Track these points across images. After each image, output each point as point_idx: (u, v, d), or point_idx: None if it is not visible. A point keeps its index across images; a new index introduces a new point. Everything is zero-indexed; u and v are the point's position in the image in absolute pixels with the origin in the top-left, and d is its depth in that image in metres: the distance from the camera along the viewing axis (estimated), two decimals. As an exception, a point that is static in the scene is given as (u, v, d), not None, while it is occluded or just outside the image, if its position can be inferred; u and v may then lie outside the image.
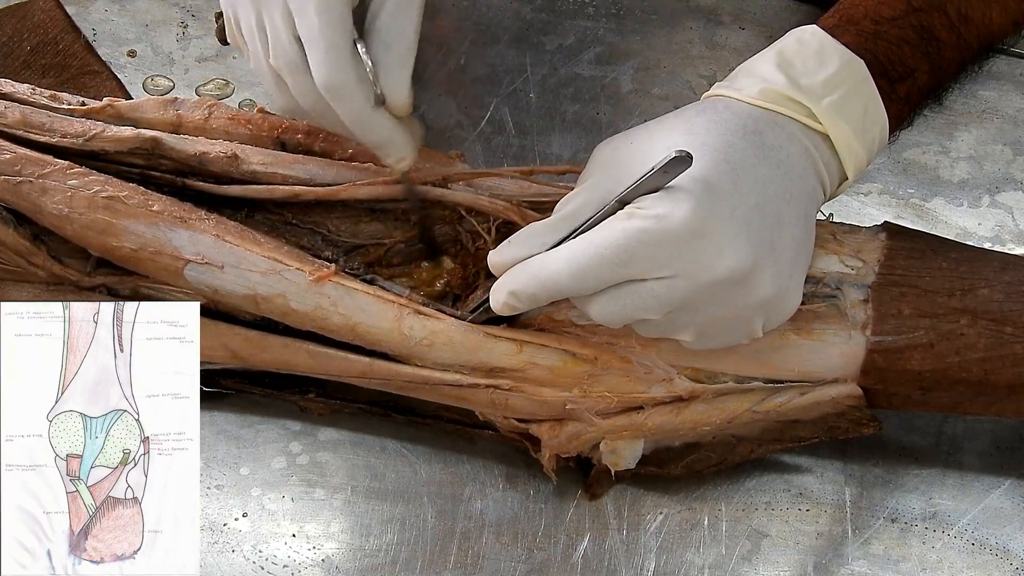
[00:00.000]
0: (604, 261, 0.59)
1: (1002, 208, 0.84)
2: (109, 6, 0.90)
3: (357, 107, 0.64)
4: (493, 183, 0.72)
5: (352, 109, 0.64)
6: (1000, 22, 0.69)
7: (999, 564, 0.71)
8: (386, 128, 0.65)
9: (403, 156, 0.66)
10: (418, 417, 0.73)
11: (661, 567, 0.70)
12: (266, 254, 0.68)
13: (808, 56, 0.65)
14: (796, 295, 0.63)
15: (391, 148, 0.66)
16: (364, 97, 0.63)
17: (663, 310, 0.60)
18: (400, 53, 0.64)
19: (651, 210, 0.58)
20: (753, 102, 0.64)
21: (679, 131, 0.62)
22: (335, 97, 0.63)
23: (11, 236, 0.69)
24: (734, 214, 0.59)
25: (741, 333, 0.63)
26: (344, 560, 0.70)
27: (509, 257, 0.63)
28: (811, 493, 0.73)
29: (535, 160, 0.85)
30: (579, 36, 0.91)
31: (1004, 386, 0.66)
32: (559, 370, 0.67)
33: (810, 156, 0.64)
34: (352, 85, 0.63)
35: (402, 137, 0.66)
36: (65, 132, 0.70)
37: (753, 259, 0.59)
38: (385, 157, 0.66)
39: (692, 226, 0.58)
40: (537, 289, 0.61)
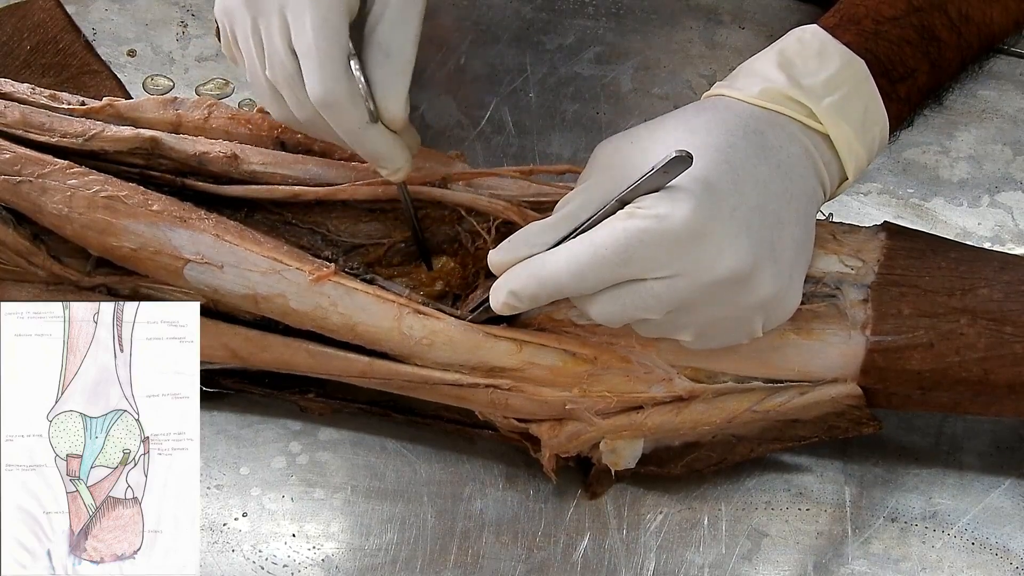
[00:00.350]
0: (604, 261, 0.59)
1: (1002, 208, 0.84)
2: (109, 6, 0.90)
3: (351, 122, 0.64)
4: (493, 183, 0.72)
5: (346, 124, 0.64)
6: (1001, 22, 0.69)
7: (999, 564, 0.71)
8: (380, 142, 0.65)
9: (398, 168, 0.66)
10: (418, 417, 0.73)
11: (661, 567, 0.70)
12: (266, 254, 0.68)
13: (809, 56, 0.65)
14: (796, 295, 0.63)
15: (385, 161, 0.66)
16: (358, 112, 0.63)
17: (663, 310, 0.60)
18: (397, 67, 0.64)
19: (651, 210, 0.58)
20: (754, 102, 0.64)
21: (680, 130, 0.62)
22: (329, 111, 0.63)
23: (11, 236, 0.69)
24: (734, 214, 0.59)
25: (741, 333, 0.63)
26: (344, 560, 0.70)
27: (509, 257, 0.63)
28: (811, 493, 0.73)
29: (535, 160, 0.85)
30: (579, 36, 0.91)
31: (1004, 386, 0.66)
32: (559, 370, 0.67)
33: (810, 156, 0.64)
34: (346, 100, 0.63)
35: (396, 150, 0.66)
36: (65, 132, 0.70)
37: (753, 259, 0.59)
38: (380, 169, 0.66)
39: (692, 226, 0.58)
40: (537, 289, 0.61)
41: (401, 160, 0.66)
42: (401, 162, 0.66)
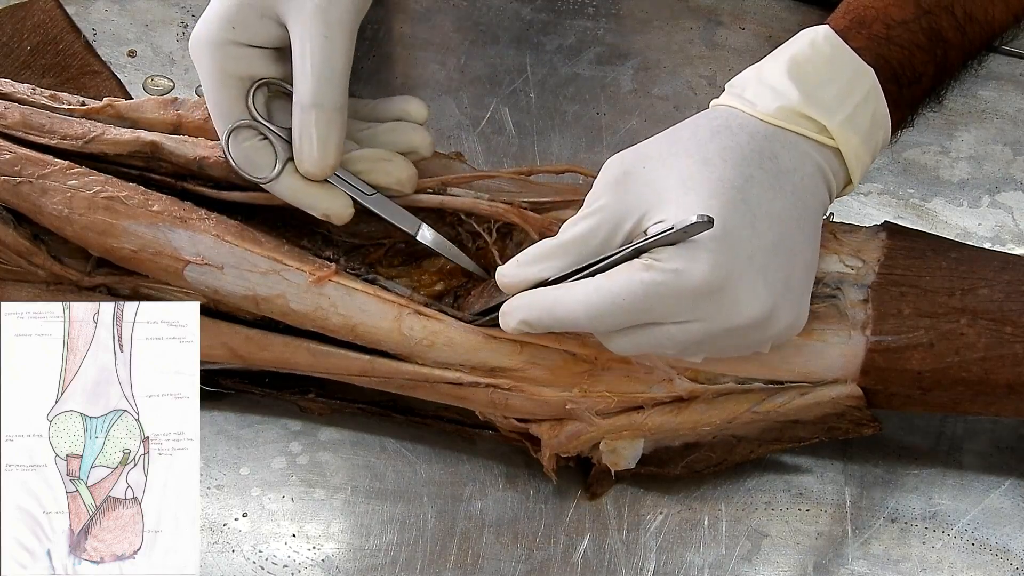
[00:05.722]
0: (621, 309, 0.59)
1: (1002, 208, 0.84)
2: (109, 6, 0.90)
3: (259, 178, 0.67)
4: (493, 184, 0.72)
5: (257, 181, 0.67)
6: (1002, 19, 0.69)
7: (999, 564, 0.71)
8: (292, 194, 0.67)
9: (327, 215, 0.68)
10: (418, 417, 0.73)
11: (661, 567, 0.70)
12: (266, 254, 0.68)
13: (821, 64, 0.64)
14: (805, 314, 0.63)
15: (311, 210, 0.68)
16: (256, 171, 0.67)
17: (678, 348, 0.62)
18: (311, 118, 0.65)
19: (669, 264, 0.58)
20: (768, 120, 0.64)
21: (694, 158, 0.62)
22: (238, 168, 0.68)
23: (11, 236, 0.69)
24: (752, 261, 0.59)
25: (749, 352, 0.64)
26: (344, 560, 0.70)
27: (520, 278, 0.63)
28: (811, 493, 0.73)
29: (535, 160, 0.85)
30: (579, 36, 0.91)
31: (1004, 386, 0.66)
32: (559, 370, 0.67)
33: (821, 171, 0.64)
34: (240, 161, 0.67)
35: (314, 200, 0.67)
36: (65, 134, 0.70)
37: (772, 303, 0.60)
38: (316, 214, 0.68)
39: (711, 281, 0.58)
40: (552, 324, 0.62)
41: (322, 208, 0.67)
42: (323, 210, 0.67)
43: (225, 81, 0.66)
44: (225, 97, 0.66)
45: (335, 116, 0.65)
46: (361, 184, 0.68)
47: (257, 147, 0.67)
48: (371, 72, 0.88)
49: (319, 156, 0.65)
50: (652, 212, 0.61)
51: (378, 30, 0.90)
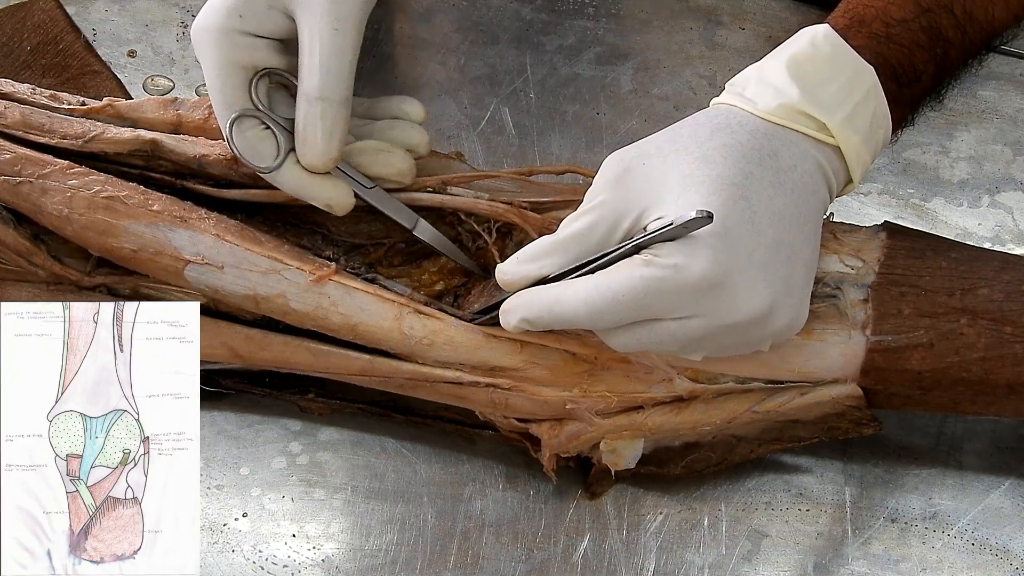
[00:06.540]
0: (621, 306, 0.60)
1: (1002, 208, 0.84)
2: (109, 6, 0.90)
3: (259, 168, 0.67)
4: (493, 183, 0.72)
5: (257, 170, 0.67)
6: (1002, 18, 0.69)
7: (999, 564, 0.71)
8: (294, 185, 0.67)
9: (329, 205, 0.67)
10: (418, 417, 0.73)
11: (661, 567, 0.70)
12: (266, 253, 0.68)
13: (821, 63, 0.64)
14: (805, 312, 0.63)
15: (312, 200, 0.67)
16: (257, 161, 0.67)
17: (678, 345, 0.62)
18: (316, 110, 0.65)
19: (668, 259, 0.59)
20: (768, 117, 0.64)
21: (694, 156, 0.62)
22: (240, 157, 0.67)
23: (11, 236, 0.69)
24: (752, 258, 0.59)
25: (749, 351, 0.64)
26: (344, 560, 0.70)
27: (520, 275, 0.64)
28: (811, 493, 0.73)
29: (535, 160, 0.85)
30: (579, 36, 0.91)
31: (1004, 386, 0.66)
32: (559, 370, 0.67)
33: (821, 169, 0.64)
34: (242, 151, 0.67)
35: (315, 191, 0.67)
36: (65, 133, 0.70)
37: (771, 300, 0.60)
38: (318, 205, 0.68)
39: (710, 277, 0.58)
40: (552, 321, 0.62)
41: (325, 198, 0.67)
42: (324, 201, 0.67)
43: (230, 70, 0.66)
44: (229, 85, 0.66)
45: (340, 110, 0.65)
46: (360, 177, 0.68)
47: (260, 136, 0.67)
48: (371, 72, 0.88)
49: (323, 149, 0.65)
50: (651, 209, 0.61)
51: (378, 30, 0.90)
